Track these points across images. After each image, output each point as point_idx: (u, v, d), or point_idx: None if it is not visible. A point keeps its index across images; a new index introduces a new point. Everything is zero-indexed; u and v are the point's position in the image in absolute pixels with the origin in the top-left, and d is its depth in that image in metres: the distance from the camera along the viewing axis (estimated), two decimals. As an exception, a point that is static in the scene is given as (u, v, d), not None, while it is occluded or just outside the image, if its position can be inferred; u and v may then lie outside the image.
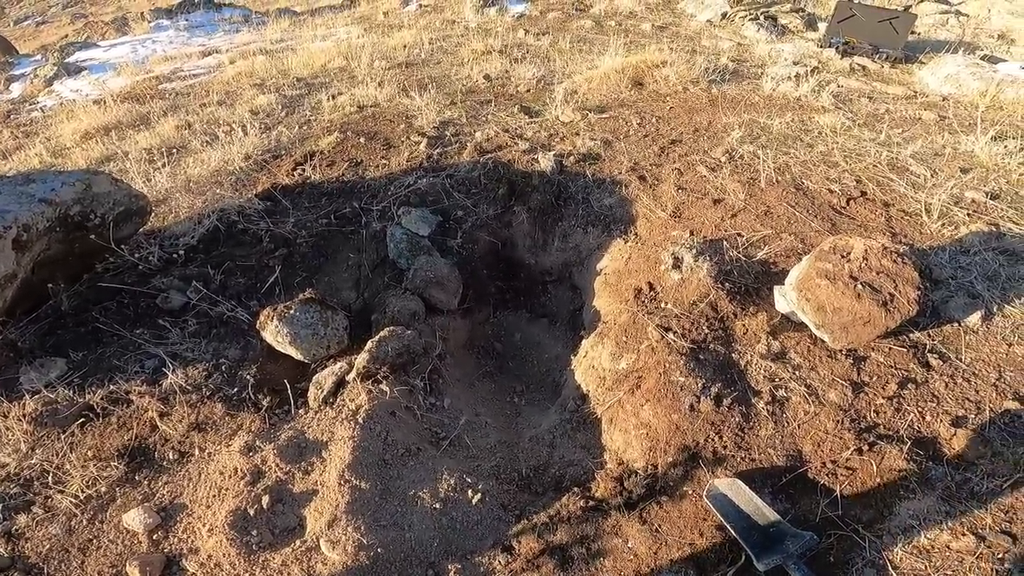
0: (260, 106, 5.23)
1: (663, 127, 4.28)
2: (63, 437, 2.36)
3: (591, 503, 2.09)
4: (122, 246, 3.09)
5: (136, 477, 2.26)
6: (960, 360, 2.30)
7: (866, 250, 2.30)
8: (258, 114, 5.07)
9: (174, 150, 4.53)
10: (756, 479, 1.97)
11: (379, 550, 1.96)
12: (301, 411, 2.54)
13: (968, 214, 3.12)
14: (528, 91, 5.08)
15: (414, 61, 6.15)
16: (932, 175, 3.52)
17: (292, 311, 2.61)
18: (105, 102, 5.56)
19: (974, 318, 2.43)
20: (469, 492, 2.19)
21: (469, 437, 2.58)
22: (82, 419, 2.44)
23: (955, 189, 3.31)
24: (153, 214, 3.68)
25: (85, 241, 3.02)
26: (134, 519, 2.08)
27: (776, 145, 3.93)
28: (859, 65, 5.42)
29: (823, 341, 2.31)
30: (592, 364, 2.70)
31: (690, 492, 2.00)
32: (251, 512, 2.07)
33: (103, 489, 2.20)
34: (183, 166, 4.22)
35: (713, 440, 2.10)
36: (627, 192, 3.54)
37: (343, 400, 2.51)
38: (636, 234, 3.32)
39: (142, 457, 2.34)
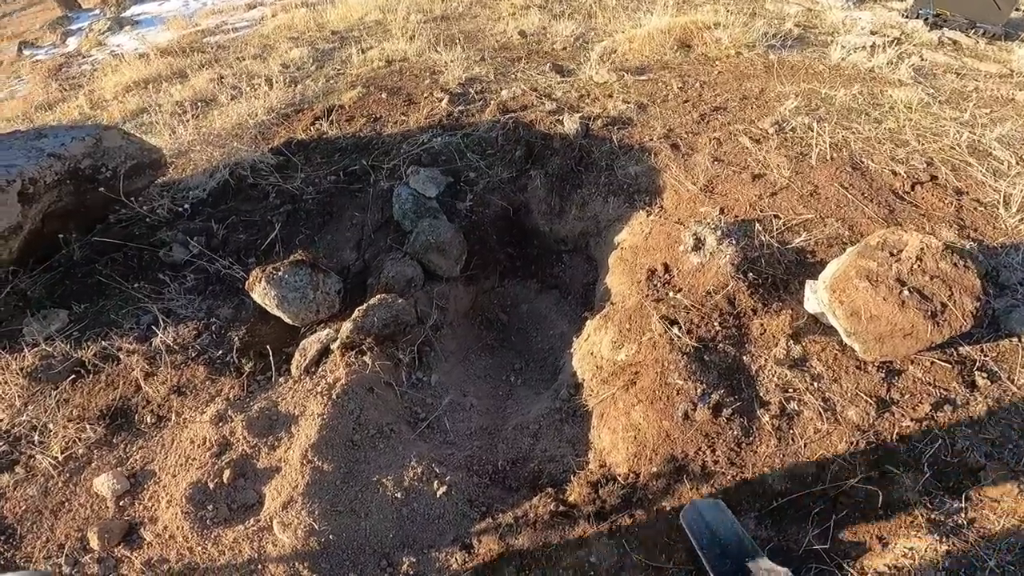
0: (292, 59, 5.14)
1: (707, 93, 3.87)
2: (54, 394, 2.36)
3: (562, 508, 1.91)
4: (131, 199, 3.08)
5: (114, 440, 2.24)
6: (1012, 381, 1.94)
7: (922, 248, 1.94)
8: (288, 67, 4.98)
9: (203, 103, 4.51)
10: (744, 500, 1.74)
11: (331, 536, 1.86)
12: (283, 378, 2.47)
13: (1057, 208, 2.64)
14: (564, 49, 4.72)
15: (451, 15, 5.87)
16: (1018, 162, 3.00)
17: (280, 273, 2.52)
18: (148, 56, 5.61)
19: (1041, 333, 2.04)
20: (435, 483, 2.06)
21: (450, 420, 2.44)
22: (73, 375, 2.44)
23: (1046, 178, 2.80)
24: (172, 166, 3.68)
25: (96, 193, 3.03)
26: (103, 484, 2.06)
27: (836, 118, 3.46)
28: (949, 39, 4.69)
29: (853, 350, 2.00)
30: (591, 350, 2.49)
31: (668, 508, 1.79)
32: (211, 486, 2.01)
33: (81, 451, 2.20)
34: (209, 119, 4.20)
35: (704, 453, 1.86)
36: (656, 161, 3.22)
37: (324, 371, 2.42)
38: (661, 207, 3.01)
39: (123, 419, 2.32)
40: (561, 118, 3.54)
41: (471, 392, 2.68)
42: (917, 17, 5.01)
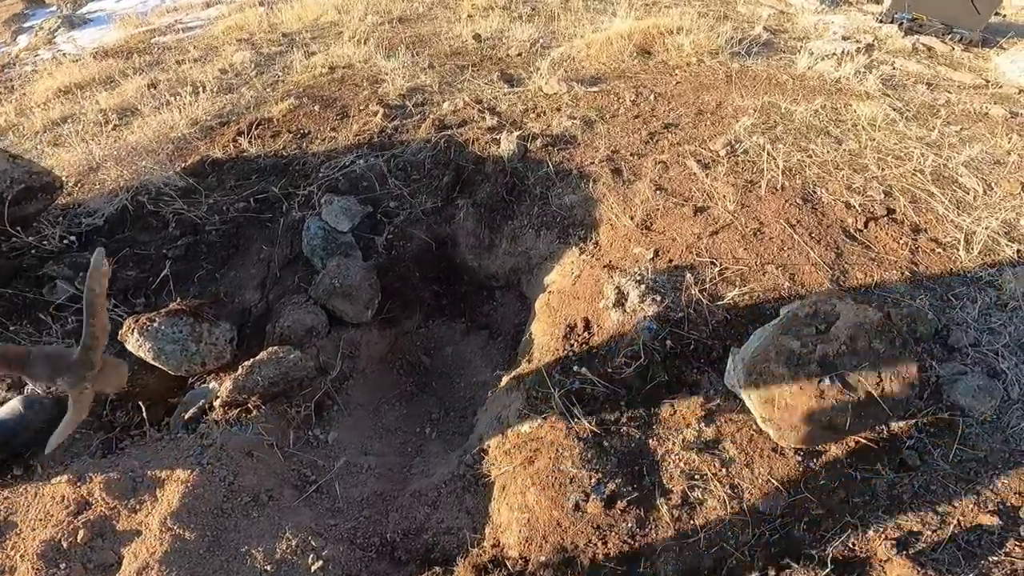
0: (233, 64, 4.85)
1: (660, 107, 3.60)
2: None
3: (443, 595, 1.70)
4: (17, 227, 2.82)
5: (-19, 489, 2.06)
6: (945, 461, 1.73)
7: (857, 324, 1.70)
8: (227, 73, 4.69)
9: (129, 112, 4.23)
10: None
11: (187, 610, 1.67)
12: (159, 434, 2.25)
13: (1020, 250, 2.39)
14: (519, 55, 4.44)
15: (410, 16, 5.57)
16: (985, 191, 2.75)
17: (156, 324, 2.27)
18: (82, 59, 5.32)
19: (984, 406, 1.81)
20: (310, 556, 1.85)
21: (342, 484, 2.22)
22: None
23: (1010, 213, 2.56)
24: (80, 185, 3.42)
25: (-21, 220, 2.77)
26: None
27: (794, 138, 3.21)
28: (924, 45, 4.42)
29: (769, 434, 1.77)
30: (499, 414, 2.25)
31: (550, 611, 1.57)
32: (65, 545, 1.87)
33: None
34: (130, 130, 3.92)
35: (595, 545, 1.63)
36: (594, 189, 2.96)
37: (203, 429, 2.20)
38: (596, 244, 2.76)
39: (-10, 469, 2.12)
40: (499, 137, 3.28)
41: (374, 450, 2.45)
42: (892, 22, 4.74)
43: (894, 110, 3.46)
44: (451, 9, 5.62)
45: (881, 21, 4.79)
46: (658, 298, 2.14)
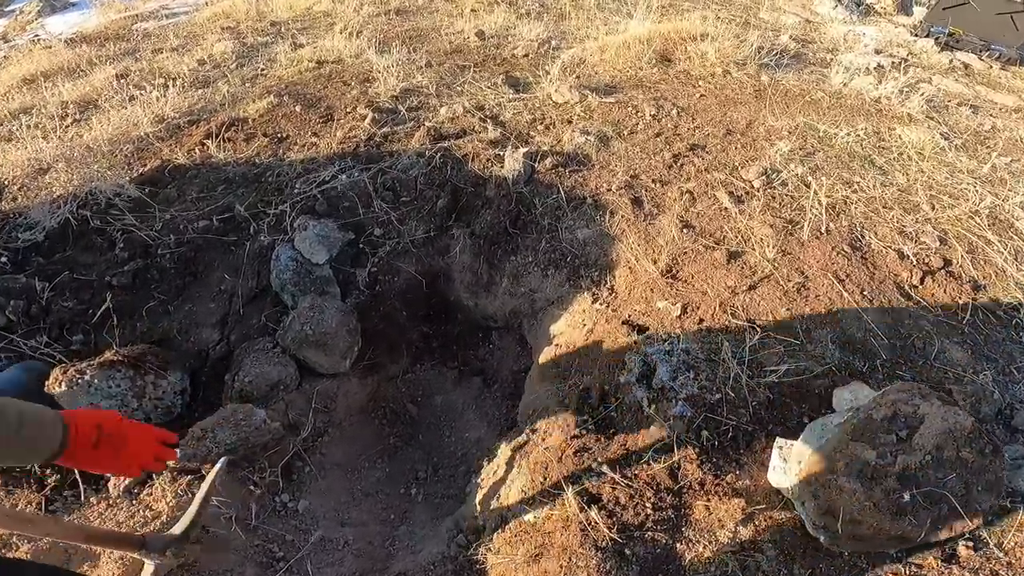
0: (213, 55, 4.41)
1: (684, 123, 3.24)
2: None
3: None
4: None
5: None
6: (999, 548, 1.45)
7: (945, 431, 1.37)
8: (205, 65, 4.26)
9: (92, 106, 3.80)
10: None
11: None
12: (98, 496, 1.89)
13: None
14: (526, 56, 4.05)
15: (408, 8, 5.15)
16: (1050, 241, 2.43)
17: (87, 377, 1.90)
18: (52, 45, 4.88)
19: (1050, 493, 1.50)
20: None
21: (314, 564, 1.87)
22: None
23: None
24: (24, 191, 3.01)
25: None
26: None
27: (837, 168, 2.86)
28: (961, 62, 4.09)
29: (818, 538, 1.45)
30: (499, 491, 1.90)
31: None
32: None
33: None
34: (88, 127, 3.51)
35: None
36: (611, 223, 2.60)
37: (148, 496, 1.85)
38: (611, 290, 2.41)
39: None
40: (503, 153, 2.90)
41: (352, 519, 2.11)
42: (928, 35, 4.39)
43: (942, 136, 3.12)
44: (453, 2, 5.21)
45: (915, 34, 4.44)
46: (691, 375, 1.79)
